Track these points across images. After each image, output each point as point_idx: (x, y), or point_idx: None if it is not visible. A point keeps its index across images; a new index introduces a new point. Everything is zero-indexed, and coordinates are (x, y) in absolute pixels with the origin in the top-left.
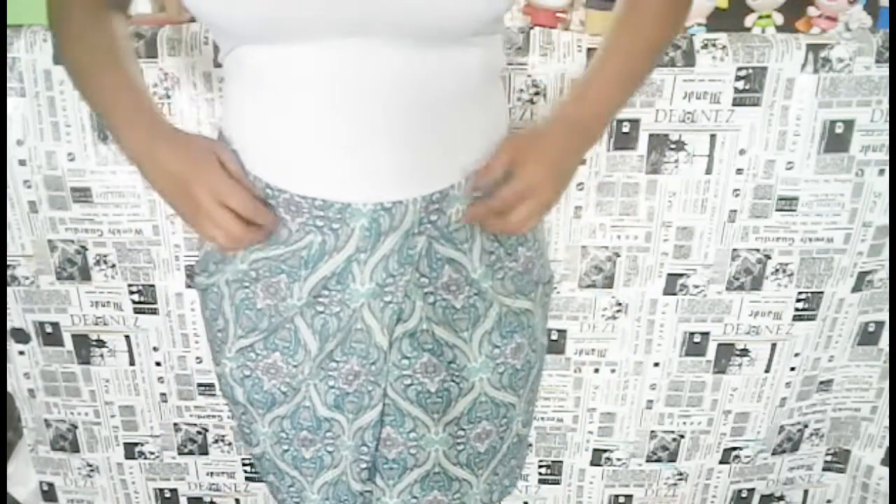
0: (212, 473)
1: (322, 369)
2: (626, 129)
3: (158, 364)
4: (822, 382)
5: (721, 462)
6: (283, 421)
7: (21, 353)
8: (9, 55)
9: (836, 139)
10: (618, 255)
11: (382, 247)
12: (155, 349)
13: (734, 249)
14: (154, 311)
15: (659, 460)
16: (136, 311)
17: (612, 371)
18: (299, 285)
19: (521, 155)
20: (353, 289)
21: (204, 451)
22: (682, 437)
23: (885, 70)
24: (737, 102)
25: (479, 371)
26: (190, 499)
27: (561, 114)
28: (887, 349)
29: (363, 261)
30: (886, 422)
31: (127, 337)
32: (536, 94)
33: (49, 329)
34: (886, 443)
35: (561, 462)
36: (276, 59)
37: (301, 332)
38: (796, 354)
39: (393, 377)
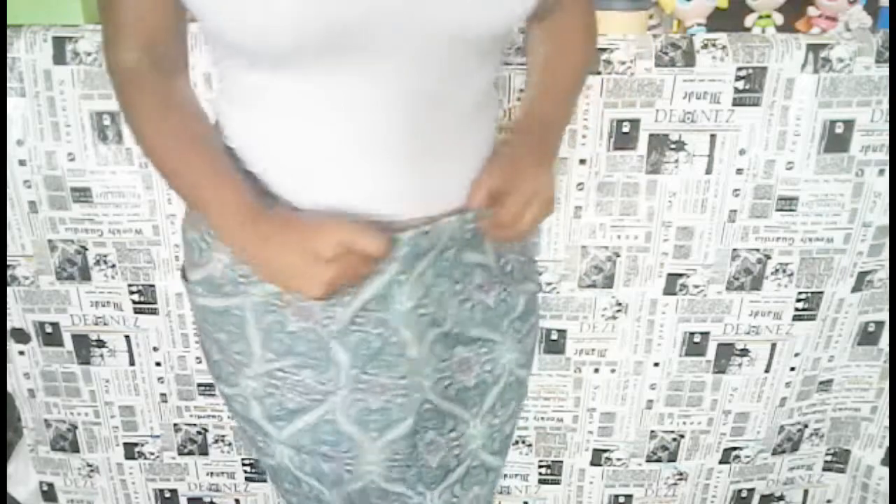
0: (212, 474)
1: (353, 381)
2: (626, 129)
3: (158, 364)
4: (822, 382)
5: (721, 462)
6: (303, 435)
7: (21, 353)
8: (9, 55)
9: (836, 139)
10: (618, 255)
11: (420, 265)
12: (155, 349)
13: (734, 249)
14: (154, 311)
15: (659, 460)
16: (136, 311)
17: (612, 371)
18: (342, 310)
19: (511, 169)
20: (395, 308)
21: (204, 451)
22: (682, 437)
23: (885, 70)
24: (737, 102)
25: (508, 353)
26: (190, 499)
27: (522, 125)
28: (887, 349)
29: (403, 281)
30: (886, 422)
31: (127, 337)
32: None
33: (49, 329)
34: (886, 443)
35: (561, 462)
36: (315, 85)
37: (334, 351)
38: (796, 354)
39: (432, 381)
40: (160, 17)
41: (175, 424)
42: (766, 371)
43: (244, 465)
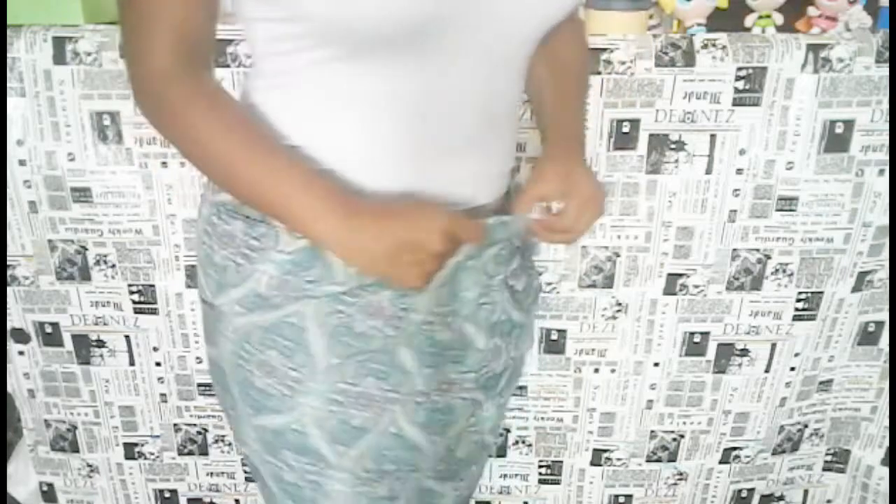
0: (212, 474)
1: (425, 381)
2: (626, 129)
3: (158, 364)
4: (822, 382)
5: (721, 462)
6: (364, 459)
7: (21, 353)
8: (9, 55)
9: (836, 139)
10: (618, 255)
11: (488, 253)
12: (155, 349)
13: (734, 249)
14: (154, 311)
15: (659, 460)
16: (136, 311)
17: (612, 371)
18: (415, 300)
19: (563, 175)
20: (462, 296)
21: (204, 451)
22: (682, 437)
23: (885, 70)
24: (737, 102)
25: (523, 335)
26: (190, 499)
27: (559, 133)
28: (887, 349)
29: (469, 267)
30: (886, 422)
31: (127, 337)
32: None
33: (49, 329)
34: (886, 443)
35: (561, 462)
36: (396, 75)
37: (402, 353)
38: (796, 354)
39: (480, 372)
40: (200, 15)
41: (175, 424)
42: (766, 371)
43: (244, 465)
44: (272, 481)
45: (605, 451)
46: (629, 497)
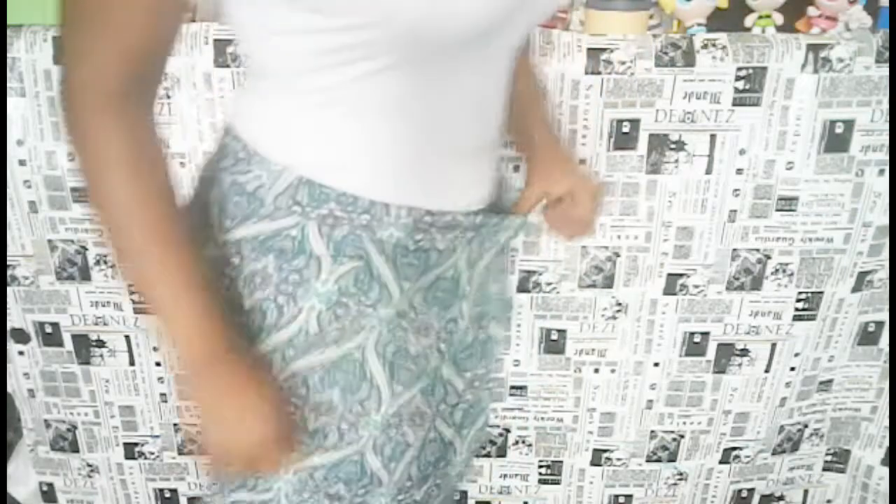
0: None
1: (467, 384)
2: (626, 129)
3: (158, 364)
4: (822, 382)
5: (721, 462)
6: (412, 467)
7: (21, 353)
8: (9, 55)
9: (836, 139)
10: (618, 255)
11: (488, 254)
12: (155, 349)
13: (734, 249)
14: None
15: (659, 460)
16: (136, 311)
17: (612, 371)
18: (460, 306)
19: (565, 171)
20: (463, 287)
21: (204, 451)
22: (682, 437)
23: (885, 70)
24: (737, 102)
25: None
26: (190, 499)
27: (544, 136)
28: (887, 349)
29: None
30: (886, 422)
31: (127, 337)
32: None
33: (49, 329)
34: (886, 443)
35: (561, 462)
36: (441, 81)
37: (443, 368)
38: (796, 354)
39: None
40: (159, 26)
41: (175, 424)
42: (766, 371)
43: None
44: None
45: (605, 451)
46: (629, 497)
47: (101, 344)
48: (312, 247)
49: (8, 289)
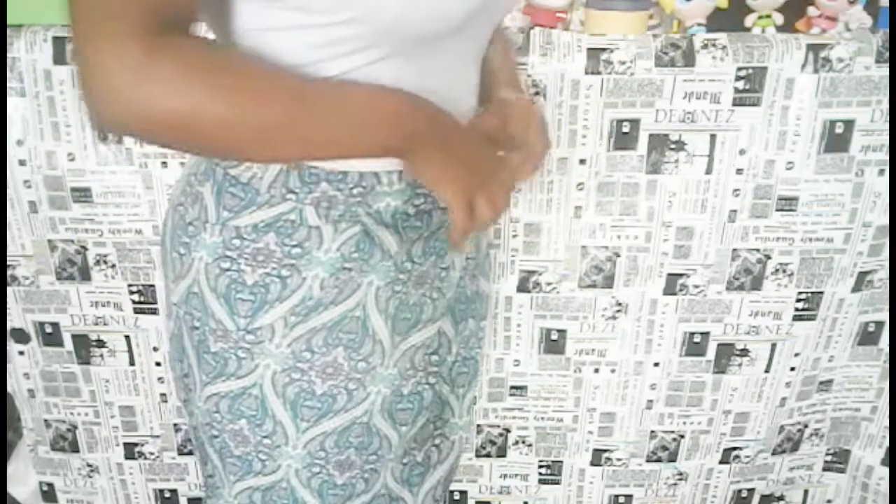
0: None
1: (460, 342)
2: (626, 129)
3: (158, 364)
4: (822, 382)
5: (721, 462)
6: (414, 426)
7: (21, 353)
8: (9, 55)
9: (836, 139)
10: (618, 255)
11: None
12: (155, 349)
13: (734, 249)
14: (154, 311)
15: (659, 460)
16: (136, 311)
17: (612, 371)
18: (456, 261)
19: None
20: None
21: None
22: (682, 437)
23: (885, 70)
24: (737, 102)
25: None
26: (190, 499)
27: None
28: (887, 349)
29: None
30: (886, 422)
31: (127, 337)
32: (536, 93)
33: (49, 329)
34: (886, 443)
35: (561, 462)
36: (433, 68)
37: (443, 321)
38: (796, 354)
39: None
40: None
41: (175, 424)
42: (766, 371)
43: None
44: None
45: (605, 451)
46: (629, 497)
47: (101, 344)
48: (311, 223)
49: (8, 289)
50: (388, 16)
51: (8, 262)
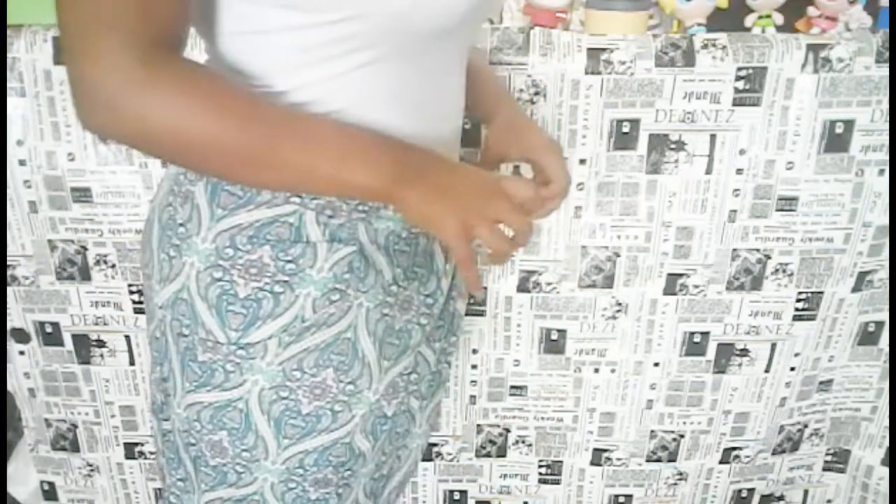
0: None
1: (438, 355)
2: (626, 129)
3: None
4: (822, 382)
5: (721, 462)
6: (387, 441)
7: (21, 353)
8: (9, 55)
9: (836, 139)
10: (618, 255)
11: None
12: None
13: (734, 249)
14: None
15: (659, 460)
16: (136, 311)
17: (612, 371)
18: (438, 283)
19: (533, 137)
20: (438, 264)
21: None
22: (682, 437)
23: (885, 70)
24: (737, 102)
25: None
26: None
27: (506, 101)
28: (887, 349)
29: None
30: (886, 422)
31: (127, 337)
32: (536, 94)
33: (49, 329)
34: (886, 443)
35: (561, 462)
36: (429, 67)
37: (424, 349)
38: (796, 354)
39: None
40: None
41: None
42: (766, 371)
43: None
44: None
45: (605, 450)
46: (629, 497)
47: (101, 344)
48: (309, 234)
49: (8, 289)
50: (396, 10)
51: (8, 262)
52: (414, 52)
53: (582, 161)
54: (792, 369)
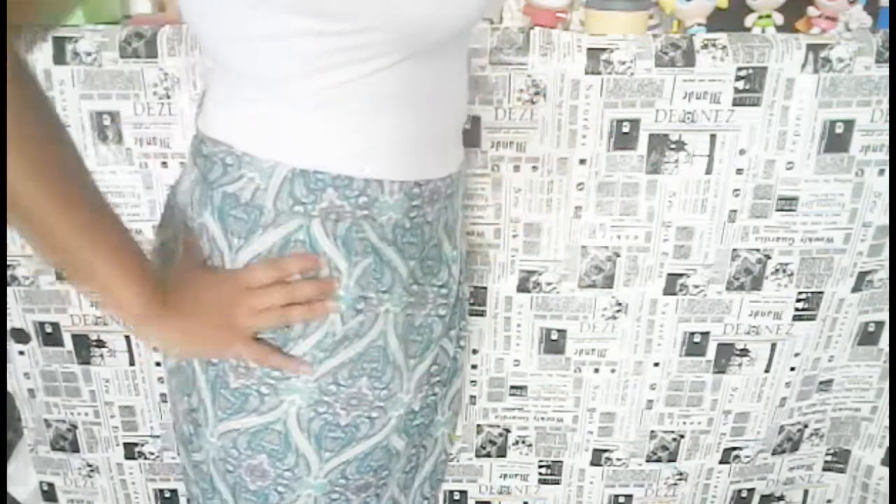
0: None
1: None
2: (626, 129)
3: (158, 364)
4: (822, 382)
5: (721, 462)
6: (415, 434)
7: (21, 353)
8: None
9: (836, 139)
10: (618, 255)
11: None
12: (155, 349)
13: (734, 249)
14: None
15: (659, 460)
16: None
17: (612, 371)
18: (449, 270)
19: None
20: (446, 253)
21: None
22: (682, 437)
23: (885, 70)
24: (737, 102)
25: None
26: (190, 499)
27: None
28: (887, 349)
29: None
30: (886, 422)
31: (127, 337)
32: (536, 94)
33: (49, 329)
34: (886, 443)
35: (561, 462)
36: (434, 71)
37: (443, 341)
38: (796, 354)
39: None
40: None
41: (175, 424)
42: (766, 371)
43: None
44: None
45: (605, 451)
46: (629, 497)
47: (101, 344)
48: (324, 249)
49: (8, 289)
50: (415, 21)
51: (8, 262)
52: (426, 56)
53: (582, 161)
54: (792, 369)
